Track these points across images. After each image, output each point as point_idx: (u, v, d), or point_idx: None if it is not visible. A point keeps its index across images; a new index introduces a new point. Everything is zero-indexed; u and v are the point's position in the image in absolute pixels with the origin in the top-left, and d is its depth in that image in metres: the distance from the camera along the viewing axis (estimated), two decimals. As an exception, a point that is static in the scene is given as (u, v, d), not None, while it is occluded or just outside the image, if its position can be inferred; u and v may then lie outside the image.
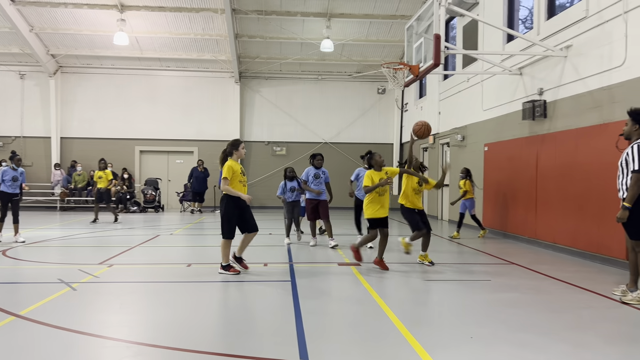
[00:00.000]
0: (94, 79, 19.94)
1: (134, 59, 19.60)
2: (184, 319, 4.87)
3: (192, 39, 18.46)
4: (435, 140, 16.38)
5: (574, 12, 8.93)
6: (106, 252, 8.65)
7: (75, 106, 19.91)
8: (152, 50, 19.14)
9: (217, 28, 17.87)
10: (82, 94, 19.92)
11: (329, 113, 20.78)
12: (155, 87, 20.18)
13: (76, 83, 19.89)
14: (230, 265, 6.98)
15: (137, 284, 6.51)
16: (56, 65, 19.51)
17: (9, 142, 19.63)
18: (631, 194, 5.36)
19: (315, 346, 4.02)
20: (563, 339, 4.28)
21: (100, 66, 19.86)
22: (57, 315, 4.82)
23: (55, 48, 18.86)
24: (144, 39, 18.38)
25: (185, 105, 20.21)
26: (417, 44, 10.83)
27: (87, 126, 19.87)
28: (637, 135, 5.51)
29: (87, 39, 18.43)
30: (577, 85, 8.85)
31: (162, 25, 17.78)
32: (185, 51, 19.22)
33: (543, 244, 9.84)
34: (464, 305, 5.49)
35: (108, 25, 17.41)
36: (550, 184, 9.63)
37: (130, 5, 16.71)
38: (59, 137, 19.69)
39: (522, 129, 10.73)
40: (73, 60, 19.63)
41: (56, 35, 18.17)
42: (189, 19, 17.39)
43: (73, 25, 17.73)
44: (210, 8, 16.82)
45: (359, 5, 16.93)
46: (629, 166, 5.45)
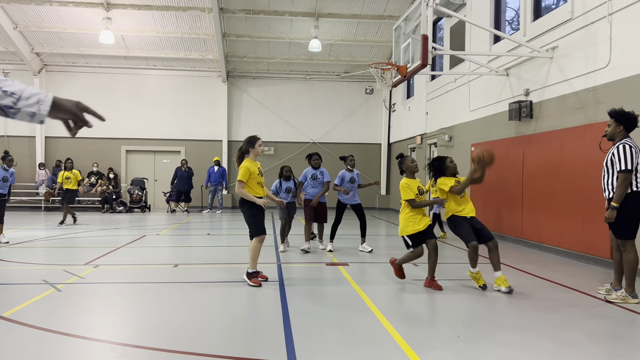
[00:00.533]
0: (80, 77, 19.73)
1: (120, 58, 19.43)
2: (170, 320, 4.83)
3: (179, 37, 18.34)
4: (423, 140, 16.46)
5: (560, 13, 9.02)
6: (92, 253, 8.56)
7: (61, 105, 19.65)
8: (139, 49, 18.99)
9: (204, 27, 17.78)
10: (67, 92, 19.65)
11: (317, 113, 20.78)
12: (142, 86, 20.02)
13: (61, 82, 19.65)
14: (257, 272, 6.29)
15: (123, 285, 6.45)
16: (41, 63, 19.28)
17: (-8, 141, 19.36)
18: (619, 193, 5.41)
19: (303, 347, 4.02)
20: (548, 337, 4.31)
21: (85, 65, 19.66)
22: (42, 317, 4.76)
23: (40, 46, 18.63)
24: (130, 37, 18.23)
25: (172, 104, 20.08)
26: (405, 45, 10.87)
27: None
28: (621, 136, 5.56)
29: (72, 37, 18.23)
30: (563, 86, 8.94)
31: (149, 24, 17.64)
32: (172, 50, 19.10)
33: (529, 244, 9.93)
34: (450, 304, 5.52)
35: (94, 24, 17.23)
36: (536, 184, 9.72)
37: (116, 4, 16.56)
38: (44, 137, 19.45)
39: (509, 129, 10.82)
40: (58, 59, 19.40)
41: (41, 33, 17.95)
42: (176, 17, 17.28)
43: (58, 23, 17.52)
44: (197, 7, 16.72)
45: (347, 6, 16.95)
46: (614, 166, 5.49)
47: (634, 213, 5.46)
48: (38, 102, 1.74)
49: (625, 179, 5.37)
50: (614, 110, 5.64)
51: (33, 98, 1.74)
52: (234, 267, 7.83)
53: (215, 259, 8.69)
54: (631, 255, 5.50)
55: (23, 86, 1.75)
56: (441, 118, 14.82)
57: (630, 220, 5.48)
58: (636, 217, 5.48)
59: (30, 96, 1.74)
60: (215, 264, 8.12)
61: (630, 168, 5.36)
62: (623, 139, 5.53)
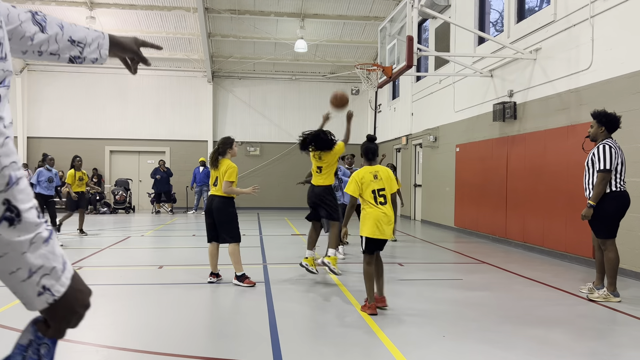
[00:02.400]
0: (62, 77, 19.47)
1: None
2: (154, 322, 4.79)
3: (163, 37, 18.20)
4: (408, 141, 16.54)
5: (543, 15, 9.13)
6: (75, 254, 8.45)
7: (43, 105, 19.40)
8: (123, 49, 18.78)
9: (189, 27, 17.67)
10: (50, 92, 19.43)
11: (303, 113, 20.76)
12: (126, 86, 19.82)
13: (44, 82, 19.38)
14: (246, 275, 6.30)
15: (107, 287, 6.37)
16: (22, 63, 18.98)
17: (-27, 141, 19.04)
18: (596, 192, 5.53)
19: (289, 347, 4.01)
20: (531, 336, 4.36)
21: (68, 65, 19.34)
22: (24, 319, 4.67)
23: (22, 45, 18.34)
24: (114, 37, 18.02)
25: (156, 104, 19.92)
26: (390, 46, 10.91)
27: (56, 126, 19.38)
28: (602, 137, 5.68)
29: (55, 37, 17.97)
30: (546, 87, 9.05)
31: (133, 24, 17.47)
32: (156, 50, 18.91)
33: (513, 243, 10.03)
34: (436, 304, 5.55)
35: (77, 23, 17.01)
36: (520, 184, 9.82)
37: (100, 3, 16.38)
38: (26, 137, 19.17)
39: (493, 130, 10.92)
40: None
41: (22, 32, 17.66)
42: (161, 17, 17.14)
43: (40, 22, 17.26)
44: (182, 7, 16.61)
45: (332, 6, 16.96)
46: (594, 166, 5.61)
47: (614, 212, 5.57)
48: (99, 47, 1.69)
49: (603, 179, 5.50)
50: (596, 112, 5.75)
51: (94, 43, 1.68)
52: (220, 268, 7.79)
53: (201, 260, 8.62)
54: (612, 254, 5.59)
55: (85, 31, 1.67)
56: (426, 119, 14.90)
57: (610, 220, 5.58)
58: (616, 216, 5.59)
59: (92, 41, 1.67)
60: (200, 266, 8.06)
61: (609, 168, 5.48)
62: (604, 140, 5.64)
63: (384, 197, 5.07)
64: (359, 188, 5.07)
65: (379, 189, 5.06)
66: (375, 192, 5.05)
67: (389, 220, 5.04)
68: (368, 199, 5.05)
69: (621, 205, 5.58)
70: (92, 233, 11.78)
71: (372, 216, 5.00)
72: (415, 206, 16.26)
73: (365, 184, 5.06)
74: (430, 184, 14.67)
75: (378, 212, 4.99)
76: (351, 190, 5.10)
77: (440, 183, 13.75)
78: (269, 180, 20.36)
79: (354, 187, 5.08)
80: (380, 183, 5.09)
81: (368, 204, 5.05)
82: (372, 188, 5.04)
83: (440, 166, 13.83)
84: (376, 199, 5.04)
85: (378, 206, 5.02)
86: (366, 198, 5.06)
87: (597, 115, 5.71)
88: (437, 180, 14.08)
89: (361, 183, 5.07)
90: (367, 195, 5.06)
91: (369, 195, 5.05)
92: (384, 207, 5.04)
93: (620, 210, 5.59)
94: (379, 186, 5.07)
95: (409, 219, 16.37)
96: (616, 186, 5.54)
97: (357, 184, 5.06)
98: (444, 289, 6.31)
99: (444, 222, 13.52)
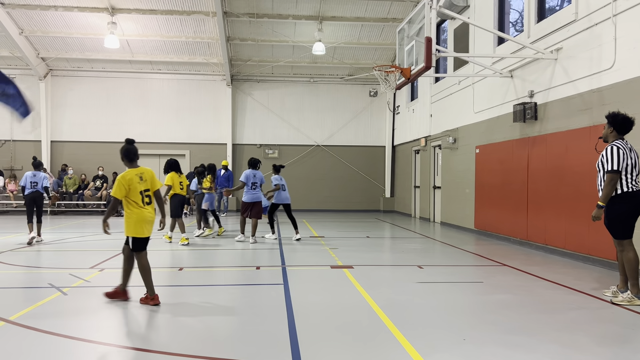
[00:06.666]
0: (85, 82, 19.82)
1: (125, 62, 19.52)
2: (174, 323, 4.84)
3: (183, 41, 18.41)
4: (427, 142, 16.44)
5: (564, 15, 9.00)
6: (97, 257, 8.58)
7: (66, 109, 19.77)
8: (143, 53, 19.07)
9: (208, 31, 17.84)
10: (72, 97, 19.79)
11: (321, 116, 20.79)
12: (147, 90, 20.09)
13: (67, 86, 19.76)
14: None
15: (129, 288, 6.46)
16: (46, 68, 19.39)
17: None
18: (605, 192, 5.60)
19: (308, 349, 4.02)
20: (554, 340, 4.30)
21: (91, 69, 19.75)
22: (48, 320, 4.78)
23: (46, 51, 18.74)
24: (135, 41, 18.31)
25: (176, 108, 20.14)
26: (409, 47, 10.87)
27: (78, 129, 19.73)
28: (613, 138, 5.77)
29: (77, 42, 18.33)
30: (567, 87, 8.92)
31: (154, 28, 17.71)
32: (176, 54, 19.16)
33: (534, 246, 9.89)
34: (456, 307, 5.50)
35: (99, 28, 17.32)
36: (541, 186, 9.68)
37: (121, 8, 16.64)
38: (49, 141, 19.54)
39: (513, 131, 10.79)
40: (63, 64, 19.50)
41: (46, 38, 18.05)
42: (181, 21, 17.34)
43: (63, 28, 17.62)
44: (201, 11, 16.78)
45: (350, 8, 16.96)
46: (604, 166, 5.67)
47: (627, 213, 5.58)
48: None
49: (611, 179, 5.56)
50: (609, 113, 5.82)
51: None
52: (239, 270, 7.84)
53: (221, 262, 8.70)
54: (630, 254, 5.58)
55: None
56: (445, 120, 14.80)
57: (624, 220, 5.60)
58: (630, 216, 5.60)
59: None
60: (220, 267, 8.13)
61: (617, 169, 5.53)
62: (614, 141, 5.71)
63: (149, 197, 5.42)
64: (125, 190, 5.27)
65: (144, 189, 5.37)
66: (142, 193, 5.34)
67: (152, 220, 5.44)
68: (135, 200, 5.31)
69: (634, 205, 5.58)
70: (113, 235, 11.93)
71: (139, 217, 5.30)
72: (434, 208, 16.15)
73: (133, 186, 5.29)
74: (450, 185, 14.55)
75: (145, 212, 5.34)
76: (118, 193, 5.28)
77: (460, 185, 13.63)
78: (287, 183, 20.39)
79: (120, 189, 5.27)
80: (146, 184, 5.41)
81: (134, 205, 5.32)
82: (139, 189, 5.32)
83: (459, 168, 13.72)
84: (143, 199, 5.34)
85: (145, 207, 5.35)
86: (134, 199, 5.31)
87: (608, 117, 5.82)
88: (456, 182, 13.97)
89: (128, 185, 5.28)
90: (135, 197, 5.31)
91: (137, 197, 5.31)
92: (149, 207, 5.41)
93: (634, 211, 5.60)
94: (144, 187, 5.38)
95: (428, 221, 16.26)
96: (628, 187, 5.57)
97: (123, 187, 5.26)
98: (464, 292, 6.26)
99: (463, 224, 13.40)
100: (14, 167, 19.34)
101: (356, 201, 20.81)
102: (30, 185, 10.58)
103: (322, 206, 20.44)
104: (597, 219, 5.67)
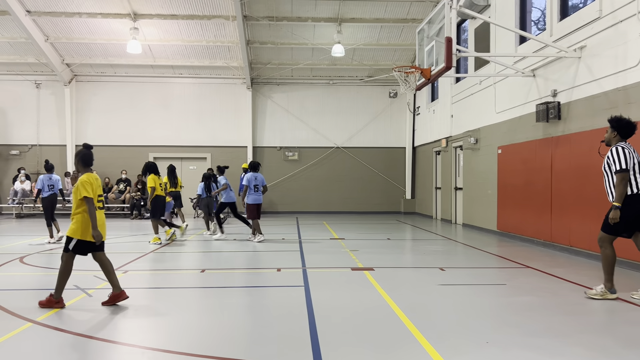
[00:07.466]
0: (108, 87, 20.17)
1: (147, 67, 19.80)
2: (198, 324, 4.88)
3: (204, 46, 18.60)
4: (448, 143, 16.30)
5: (587, 12, 8.85)
6: (121, 259, 8.71)
7: (90, 114, 20.14)
8: (165, 58, 19.33)
9: (228, 35, 17.99)
10: (96, 102, 20.16)
11: (340, 118, 20.79)
12: (168, 94, 20.35)
13: (91, 91, 20.13)
14: None
15: (152, 290, 6.55)
16: (71, 74, 19.78)
17: (26, 150, 19.91)
18: (618, 193, 5.65)
19: (329, 352, 4.01)
20: (578, 342, 4.22)
21: (114, 74, 20.09)
22: (73, 321, 4.87)
23: (70, 57, 19.13)
24: (156, 46, 18.57)
25: (197, 111, 20.36)
26: (429, 47, 10.80)
27: (102, 133, 20.07)
28: (616, 141, 5.88)
29: (101, 48, 18.67)
30: (592, 86, 8.76)
31: (175, 33, 17.95)
32: (197, 58, 19.37)
33: (559, 247, 9.73)
34: (478, 309, 5.44)
35: (121, 34, 17.62)
36: (566, 186, 9.52)
37: (143, 14, 16.90)
38: (74, 145, 19.92)
39: (536, 131, 10.64)
40: (87, 69, 19.88)
41: (71, 44, 18.43)
42: (201, 26, 17.53)
43: (87, 35, 17.97)
44: (221, 15, 16.94)
45: (369, 10, 16.94)
46: (611, 168, 5.74)
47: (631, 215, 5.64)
48: None
49: (623, 178, 5.62)
50: (612, 117, 5.91)
51: None
52: (260, 272, 7.88)
53: (242, 263, 8.76)
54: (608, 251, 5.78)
55: None
56: (467, 120, 14.66)
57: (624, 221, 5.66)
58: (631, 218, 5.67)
59: None
60: (241, 269, 8.19)
61: (626, 167, 5.60)
62: (617, 144, 5.80)
63: (101, 202, 5.69)
64: (91, 190, 5.48)
65: (100, 194, 5.66)
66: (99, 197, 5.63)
67: (105, 223, 5.68)
68: (96, 204, 5.53)
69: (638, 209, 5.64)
70: (138, 237, 12.11)
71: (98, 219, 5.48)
72: (456, 210, 15.99)
73: (93, 189, 5.51)
74: (472, 186, 14.41)
75: (101, 214, 5.58)
76: (87, 192, 5.42)
77: (482, 186, 13.49)
78: (307, 185, 20.49)
79: (88, 189, 5.44)
80: (100, 189, 5.68)
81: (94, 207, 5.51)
82: (98, 193, 5.59)
83: (481, 168, 13.58)
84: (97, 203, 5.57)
85: (99, 211, 5.56)
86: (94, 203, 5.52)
87: (610, 120, 5.91)
88: (478, 183, 13.82)
89: (91, 187, 5.50)
90: (95, 200, 5.53)
91: (96, 200, 5.55)
92: (102, 211, 5.65)
93: (637, 214, 5.65)
94: (100, 192, 5.66)
95: (450, 222, 16.12)
96: (638, 188, 5.64)
97: (91, 186, 5.49)
98: (487, 294, 6.18)
99: (486, 225, 13.25)
100: (41, 172, 19.73)
101: (376, 203, 20.74)
102: (48, 188, 10.81)
103: (342, 208, 20.42)
104: (615, 221, 5.67)
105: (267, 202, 20.39)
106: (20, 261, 8.49)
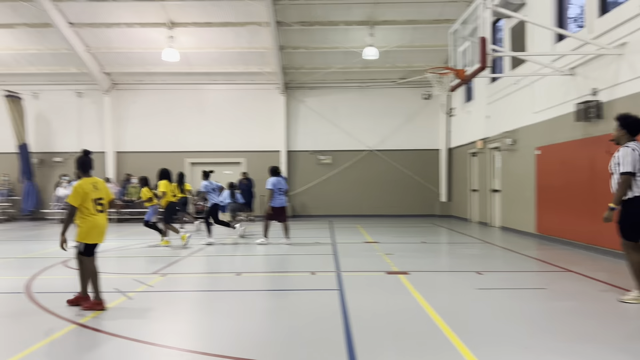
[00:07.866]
0: (146, 94, 20.67)
1: (183, 74, 20.21)
2: (234, 327, 4.94)
3: (238, 52, 18.86)
4: (485, 144, 16.02)
5: (629, 8, 8.57)
6: (159, 262, 8.90)
7: (128, 121, 20.68)
8: (200, 65, 19.68)
9: (262, 41, 18.19)
10: (134, 109, 20.69)
11: (373, 120, 20.70)
12: (204, 100, 20.71)
13: (129, 99, 20.68)
14: None
15: (190, 293, 6.67)
16: (110, 82, 20.37)
17: (68, 157, 20.59)
18: (617, 194, 5.63)
19: (365, 356, 4.00)
20: (622, 349, 4.08)
21: (151, 82, 20.58)
22: (115, 323, 5.00)
23: (109, 66, 19.70)
24: (192, 54, 18.93)
25: (232, 117, 20.64)
26: (463, 48, 10.66)
27: (140, 140, 20.57)
28: (625, 140, 5.75)
29: (138, 57, 19.16)
30: (635, 83, 8.47)
31: (210, 41, 18.27)
32: (231, 64, 19.65)
33: (602, 250, 9.42)
34: (517, 314, 5.33)
35: (158, 43, 18.04)
36: (608, 187, 9.20)
37: (179, 23, 17.27)
38: (114, 152, 20.48)
39: (576, 131, 10.35)
40: (126, 77, 20.43)
41: (110, 54, 18.99)
42: (235, 33, 17.79)
43: (125, 44, 18.48)
44: (255, 22, 17.15)
45: (402, 12, 16.83)
46: (617, 168, 5.67)
47: None
48: None
49: (624, 181, 5.57)
50: (619, 115, 5.80)
51: None
52: (295, 275, 7.92)
53: (276, 267, 8.82)
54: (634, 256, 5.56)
55: None
56: (503, 121, 14.38)
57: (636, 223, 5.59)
58: None
59: None
60: (276, 273, 8.25)
61: (630, 170, 5.50)
62: (626, 143, 5.69)
63: (101, 205, 5.68)
64: (81, 199, 5.48)
65: (98, 198, 5.64)
66: (94, 201, 5.58)
67: (104, 226, 5.71)
68: (88, 207, 5.53)
69: None
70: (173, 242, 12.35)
71: (92, 223, 5.54)
72: (493, 212, 15.69)
73: (88, 195, 5.52)
74: (509, 188, 14.11)
75: (97, 219, 5.59)
76: (74, 200, 5.47)
77: (520, 188, 13.19)
78: (340, 188, 20.46)
79: (76, 197, 5.47)
80: (100, 193, 5.69)
81: (87, 212, 5.53)
82: (92, 197, 5.56)
83: (519, 170, 13.29)
84: (95, 207, 5.59)
85: (97, 214, 5.60)
86: (87, 206, 5.53)
87: (619, 118, 5.80)
88: (516, 185, 13.52)
89: (84, 193, 5.50)
90: (88, 204, 5.53)
91: (90, 204, 5.54)
92: (102, 215, 5.67)
93: None
94: (98, 195, 5.64)
95: (487, 225, 15.82)
96: None
97: (79, 195, 5.48)
98: (526, 299, 6.04)
99: (525, 228, 12.95)
100: (82, 178, 20.38)
101: (410, 206, 20.54)
102: None
103: (376, 211, 20.30)
104: (608, 221, 5.62)
105: (300, 205, 20.51)
106: (63, 265, 8.78)
